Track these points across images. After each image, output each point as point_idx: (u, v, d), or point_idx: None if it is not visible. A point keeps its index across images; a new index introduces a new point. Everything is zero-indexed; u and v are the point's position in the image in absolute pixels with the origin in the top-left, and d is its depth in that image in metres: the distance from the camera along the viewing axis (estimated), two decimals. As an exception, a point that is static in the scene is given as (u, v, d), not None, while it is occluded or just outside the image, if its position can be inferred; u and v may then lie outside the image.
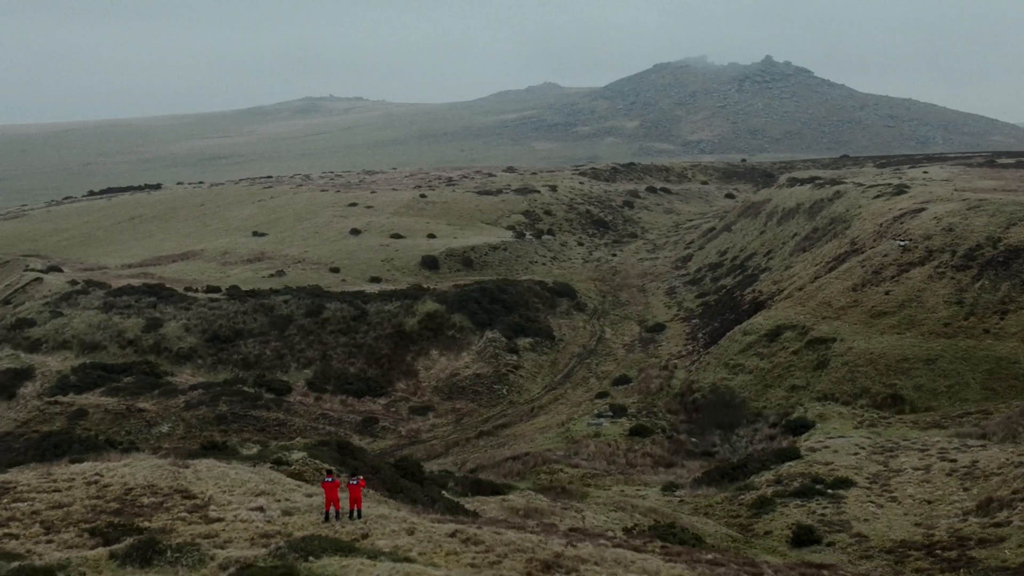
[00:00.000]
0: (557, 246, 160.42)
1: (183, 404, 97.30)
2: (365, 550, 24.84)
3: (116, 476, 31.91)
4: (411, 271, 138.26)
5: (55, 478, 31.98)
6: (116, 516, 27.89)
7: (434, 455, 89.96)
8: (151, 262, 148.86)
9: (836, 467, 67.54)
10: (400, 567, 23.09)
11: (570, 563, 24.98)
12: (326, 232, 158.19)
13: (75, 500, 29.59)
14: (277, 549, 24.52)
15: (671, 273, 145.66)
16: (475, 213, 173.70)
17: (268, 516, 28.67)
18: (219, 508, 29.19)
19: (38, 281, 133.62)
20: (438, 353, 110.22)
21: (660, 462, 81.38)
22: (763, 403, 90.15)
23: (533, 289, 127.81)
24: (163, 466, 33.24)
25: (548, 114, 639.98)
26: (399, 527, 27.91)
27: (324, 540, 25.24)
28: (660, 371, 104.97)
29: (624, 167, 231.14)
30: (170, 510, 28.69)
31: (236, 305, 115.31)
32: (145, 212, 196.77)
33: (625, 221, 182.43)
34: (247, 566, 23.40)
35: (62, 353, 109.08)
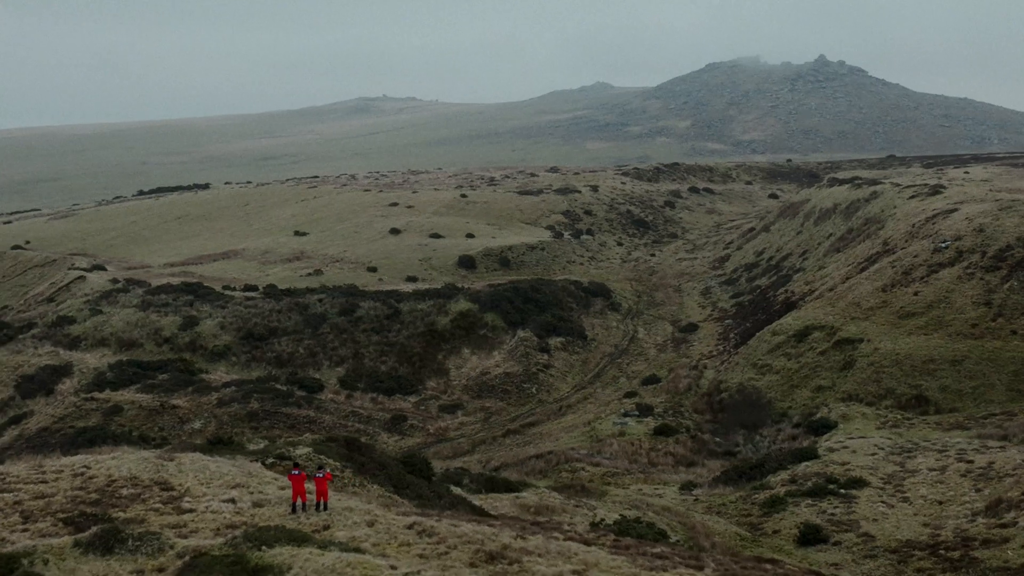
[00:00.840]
0: (596, 246, 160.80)
1: (215, 401, 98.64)
2: (318, 540, 25.62)
3: (102, 468, 32.92)
4: (448, 271, 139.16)
5: (44, 470, 33.06)
6: (94, 507, 28.87)
7: (460, 453, 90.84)
8: (193, 261, 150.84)
9: (852, 467, 67.63)
10: (346, 556, 23.84)
11: (514, 554, 25.62)
12: (366, 232, 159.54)
13: (59, 491, 30.62)
14: (233, 539, 25.37)
15: (708, 273, 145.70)
16: (515, 213, 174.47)
17: (238, 508, 29.53)
18: (193, 500, 30.10)
19: (81, 279, 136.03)
20: (470, 352, 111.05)
21: (682, 461, 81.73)
22: (789, 403, 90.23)
23: (567, 288, 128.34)
24: (149, 459, 34.22)
25: (600, 114, 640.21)
26: (360, 519, 28.69)
27: (279, 530, 26.04)
28: (690, 371, 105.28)
29: (668, 167, 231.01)
30: (146, 501, 29.61)
31: (271, 304, 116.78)
32: (191, 211, 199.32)
33: (666, 221, 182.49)
34: (200, 554, 24.27)
35: (100, 350, 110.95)
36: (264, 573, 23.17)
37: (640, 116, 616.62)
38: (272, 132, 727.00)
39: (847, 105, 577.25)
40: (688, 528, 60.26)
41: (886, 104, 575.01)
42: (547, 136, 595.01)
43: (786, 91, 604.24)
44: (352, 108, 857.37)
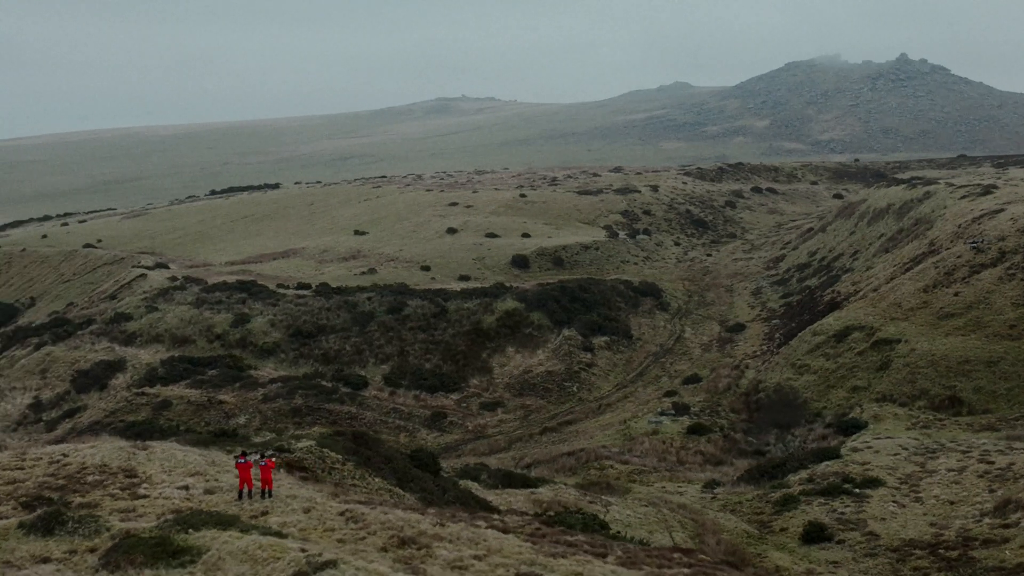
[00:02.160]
0: (652, 246, 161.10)
1: (261, 397, 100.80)
2: (244, 524, 26.89)
3: (78, 457, 34.52)
4: (501, 270, 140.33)
5: (26, 457, 34.75)
6: (57, 491, 30.42)
7: (497, 450, 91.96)
8: (253, 259, 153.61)
9: (871, 467, 67.71)
10: (260, 539, 25.09)
11: (426, 540, 26.70)
12: (423, 231, 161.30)
13: (31, 477, 32.25)
14: (164, 522, 26.80)
15: (761, 273, 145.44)
16: (573, 213, 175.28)
17: (190, 494, 30.93)
18: (150, 486, 31.55)
19: (143, 277, 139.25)
20: (514, 350, 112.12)
21: (710, 460, 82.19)
22: (824, 403, 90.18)
23: (617, 288, 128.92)
24: (124, 448, 35.77)
25: (677, 113, 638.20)
26: (299, 506, 29.95)
27: (209, 515, 27.37)
28: (731, 371, 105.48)
29: (732, 167, 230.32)
30: (107, 487, 31.11)
31: (321, 302, 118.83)
32: (257, 211, 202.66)
33: (726, 221, 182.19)
34: (130, 536, 25.68)
35: (154, 346, 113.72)
36: (182, 554, 24.53)
37: (718, 116, 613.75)
38: (351, 132, 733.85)
39: (928, 104, 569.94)
40: (698, 525, 60.95)
41: (968, 103, 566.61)
42: (623, 136, 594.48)
43: (866, 90, 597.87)
44: (431, 108, 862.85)
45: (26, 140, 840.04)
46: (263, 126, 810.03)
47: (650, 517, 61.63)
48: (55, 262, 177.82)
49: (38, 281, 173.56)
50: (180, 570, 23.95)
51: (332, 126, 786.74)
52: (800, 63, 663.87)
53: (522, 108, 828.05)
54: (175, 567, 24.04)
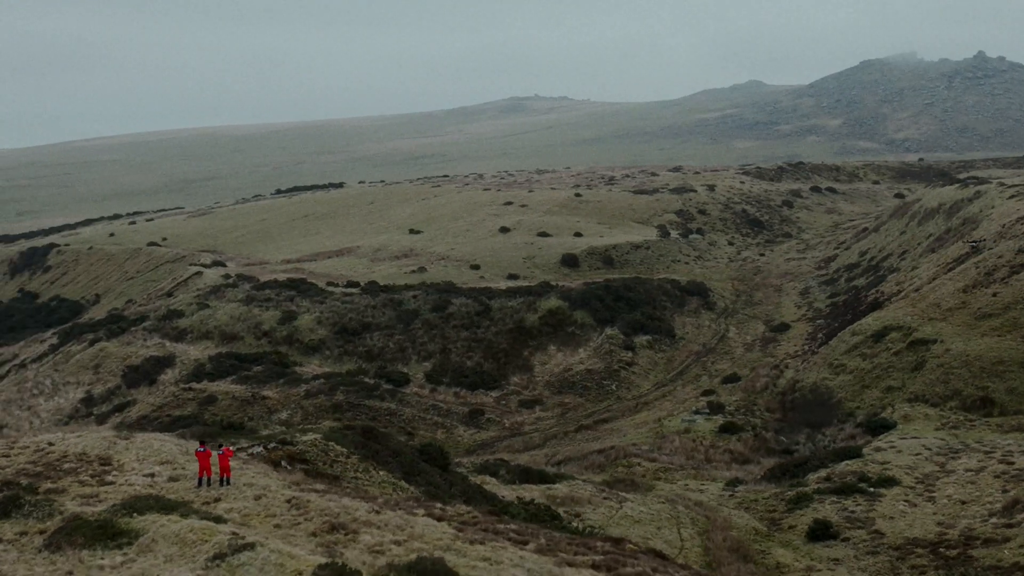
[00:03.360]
0: (705, 245, 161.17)
1: (303, 393, 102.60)
2: (185, 509, 28.26)
3: (63, 446, 36.16)
4: (551, 269, 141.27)
5: (14, 445, 36.45)
6: (33, 478, 32.01)
7: (531, 447, 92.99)
8: (309, 258, 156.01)
9: (890, 467, 67.89)
10: (195, 523, 26.45)
11: (356, 526, 27.87)
12: (477, 230, 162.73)
13: (12, 464, 33.89)
14: (112, 506, 28.27)
15: (812, 273, 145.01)
16: (627, 212, 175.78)
17: (154, 481, 32.39)
18: (120, 473, 33.05)
19: (199, 275, 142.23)
20: (556, 349, 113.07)
21: (738, 459, 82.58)
22: (857, 403, 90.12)
23: (663, 287, 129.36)
24: (108, 438, 37.37)
25: (750, 112, 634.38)
26: (250, 493, 31.27)
27: (157, 500, 28.78)
28: (770, 370, 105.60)
29: (792, 166, 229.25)
30: (79, 474, 32.67)
31: (367, 299, 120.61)
32: (318, 210, 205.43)
33: (782, 221, 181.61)
34: (76, 519, 27.16)
35: (204, 343, 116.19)
36: (121, 536, 25.97)
37: (791, 115, 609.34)
38: (424, 132, 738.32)
39: (1007, 102, 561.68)
40: (709, 522, 61.59)
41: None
42: (695, 135, 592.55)
43: (942, 88, 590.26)
44: (503, 108, 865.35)
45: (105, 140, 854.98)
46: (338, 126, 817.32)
47: (662, 514, 62.34)
48: (120, 260, 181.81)
49: (103, 279, 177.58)
50: (116, 551, 25.38)
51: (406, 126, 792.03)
52: (875, 61, 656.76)
53: (595, 107, 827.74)
54: (111, 548, 25.48)
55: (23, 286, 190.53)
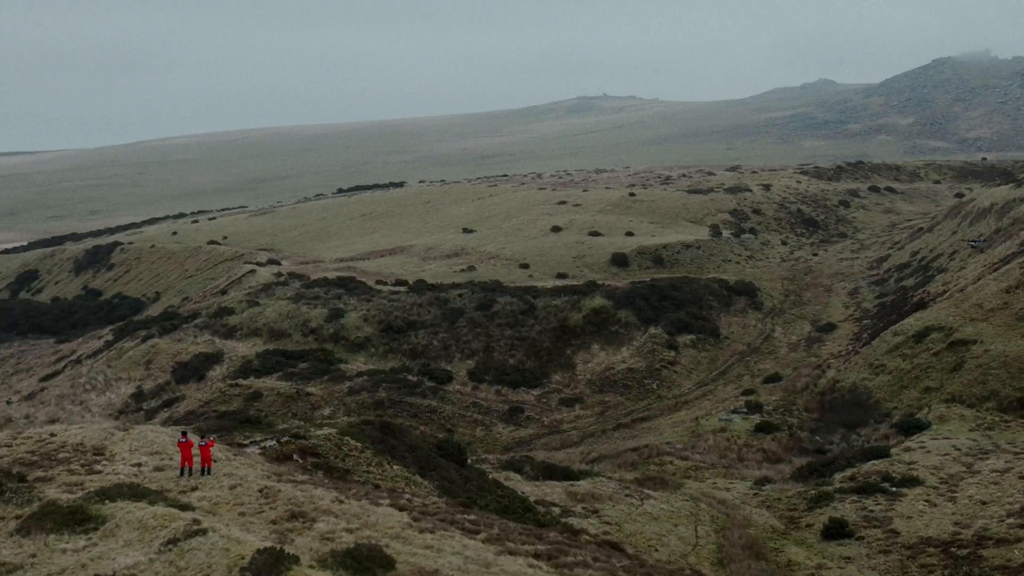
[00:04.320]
0: (757, 245, 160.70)
1: (346, 390, 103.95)
2: (154, 497, 29.33)
3: (63, 437, 37.50)
4: (600, 268, 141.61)
5: (18, 436, 37.85)
6: (27, 466, 33.31)
7: (568, 444, 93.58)
8: (362, 256, 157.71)
9: (916, 467, 67.76)
10: (159, 510, 27.50)
11: (315, 514, 28.78)
12: (528, 229, 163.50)
13: (11, 453, 35.24)
14: (87, 494, 29.44)
15: (863, 273, 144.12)
16: (680, 211, 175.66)
17: (140, 470, 33.55)
18: (109, 463, 34.27)
19: (252, 273, 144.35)
20: (598, 347, 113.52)
21: (770, 458, 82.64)
22: (895, 404, 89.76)
23: (711, 287, 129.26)
24: (107, 430, 38.67)
25: (819, 111, 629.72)
26: (226, 483, 32.34)
27: (132, 488, 29.86)
28: (812, 370, 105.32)
29: (851, 166, 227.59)
30: (71, 463, 33.94)
31: (413, 298, 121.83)
32: (375, 209, 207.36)
33: (838, 221, 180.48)
34: (49, 504, 28.37)
35: (252, 340, 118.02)
36: (88, 522, 27.12)
37: (860, 113, 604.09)
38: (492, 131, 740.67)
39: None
40: (729, 519, 61.99)
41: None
42: (764, 134, 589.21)
43: (1016, 87, 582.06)
44: (571, 107, 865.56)
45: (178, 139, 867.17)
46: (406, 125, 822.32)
47: (682, 511, 62.77)
48: (181, 258, 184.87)
49: (164, 276, 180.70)
50: (81, 536, 26.52)
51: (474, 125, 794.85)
52: (947, 60, 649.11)
53: (663, 106, 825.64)
54: (78, 533, 26.63)
55: (87, 283, 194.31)
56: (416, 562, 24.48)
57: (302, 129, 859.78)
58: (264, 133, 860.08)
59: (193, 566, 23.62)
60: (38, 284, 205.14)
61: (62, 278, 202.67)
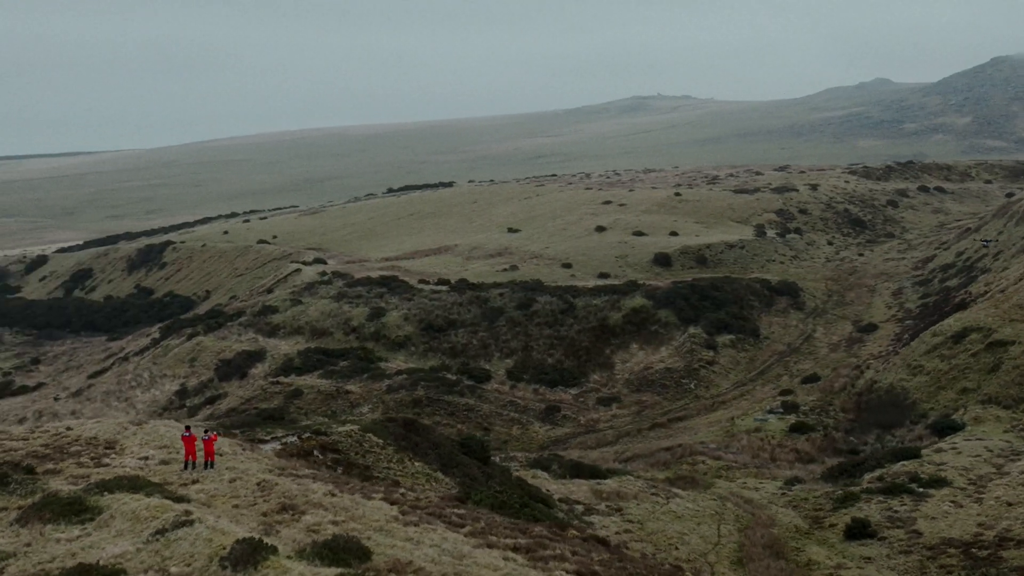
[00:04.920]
0: (802, 245, 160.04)
1: (385, 388, 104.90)
2: (151, 489, 30.13)
3: (79, 431, 38.53)
4: (643, 268, 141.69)
5: (36, 429, 38.91)
6: (39, 459, 34.26)
7: (603, 443, 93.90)
8: (406, 256, 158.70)
9: (945, 468, 67.53)
10: (152, 502, 28.32)
11: (305, 506, 29.49)
12: (573, 229, 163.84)
13: (29, 447, 36.23)
14: (87, 486, 30.33)
15: (908, 274, 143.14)
16: (726, 211, 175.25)
17: (146, 464, 34.41)
18: (118, 456, 35.19)
19: (297, 272, 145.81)
20: (637, 347, 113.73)
21: (803, 458, 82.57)
22: (931, 404, 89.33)
23: (752, 287, 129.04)
24: (122, 424, 39.63)
25: (875, 111, 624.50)
26: (228, 476, 33.14)
27: (132, 481, 30.68)
28: (851, 371, 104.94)
29: (901, 165, 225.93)
30: (80, 456, 34.90)
31: (454, 297, 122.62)
32: (423, 209, 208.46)
33: (885, 221, 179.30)
34: (49, 495, 29.29)
35: (295, 338, 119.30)
36: (85, 512, 28.02)
37: (917, 113, 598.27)
38: (546, 131, 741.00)
39: None
40: (753, 519, 62.21)
41: None
42: (818, 134, 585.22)
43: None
44: (625, 107, 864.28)
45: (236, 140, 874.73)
46: (460, 125, 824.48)
47: (707, 511, 63.04)
48: (231, 257, 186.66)
49: (214, 275, 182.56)
50: (77, 526, 27.41)
51: (528, 125, 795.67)
52: (1005, 58, 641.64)
53: (718, 106, 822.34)
54: (74, 523, 27.53)
55: (139, 282, 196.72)
56: (393, 554, 25.10)
57: (358, 129, 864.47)
58: (321, 133, 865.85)
59: (177, 555, 24.40)
60: (92, 283, 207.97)
61: (115, 277, 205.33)
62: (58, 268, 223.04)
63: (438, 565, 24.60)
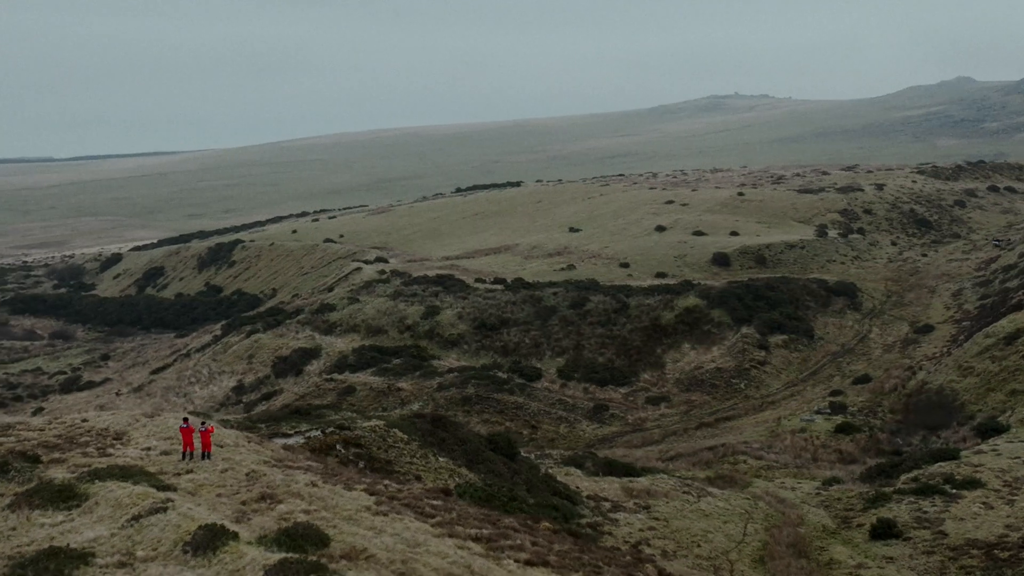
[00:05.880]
0: (864, 245, 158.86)
1: (436, 385, 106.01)
2: (141, 477, 31.27)
3: (94, 422, 39.87)
4: (701, 268, 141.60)
5: (53, 420, 40.34)
6: (47, 449, 35.56)
7: (649, 442, 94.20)
8: (467, 255, 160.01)
9: (981, 469, 67.06)
10: (136, 489, 29.44)
11: (283, 495, 30.41)
12: (633, 228, 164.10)
13: (43, 436, 37.59)
14: (80, 474, 31.56)
15: (970, 275, 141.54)
16: (789, 211, 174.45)
17: (147, 454, 35.56)
18: (123, 447, 36.40)
19: (358, 270, 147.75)
20: (689, 346, 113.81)
21: (844, 459, 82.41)
22: (980, 406, 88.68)
23: (809, 287, 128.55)
24: (135, 416, 40.91)
25: (955, 110, 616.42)
26: (221, 467, 34.19)
27: (123, 469, 31.84)
28: (903, 372, 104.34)
29: (972, 165, 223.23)
30: (87, 447, 36.16)
31: (508, 296, 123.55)
32: (488, 208, 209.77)
33: (952, 221, 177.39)
34: (48, 482, 30.56)
35: (351, 336, 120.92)
36: (73, 499, 29.23)
37: (999, 112, 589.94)
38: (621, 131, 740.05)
39: None
40: (783, 517, 62.37)
41: None
42: (897, 133, 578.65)
43: None
44: (702, 106, 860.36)
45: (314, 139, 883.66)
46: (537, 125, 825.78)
47: (737, 509, 63.28)
48: (298, 256, 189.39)
49: (281, 273, 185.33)
50: (64, 511, 28.63)
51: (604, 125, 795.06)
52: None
53: (795, 105, 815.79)
54: (61, 509, 28.75)
55: (209, 280, 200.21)
56: (351, 541, 25.96)
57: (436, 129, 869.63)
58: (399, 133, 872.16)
59: (146, 540, 25.50)
60: (163, 280, 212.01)
61: (186, 274, 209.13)
62: (131, 266, 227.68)
63: (390, 552, 25.43)
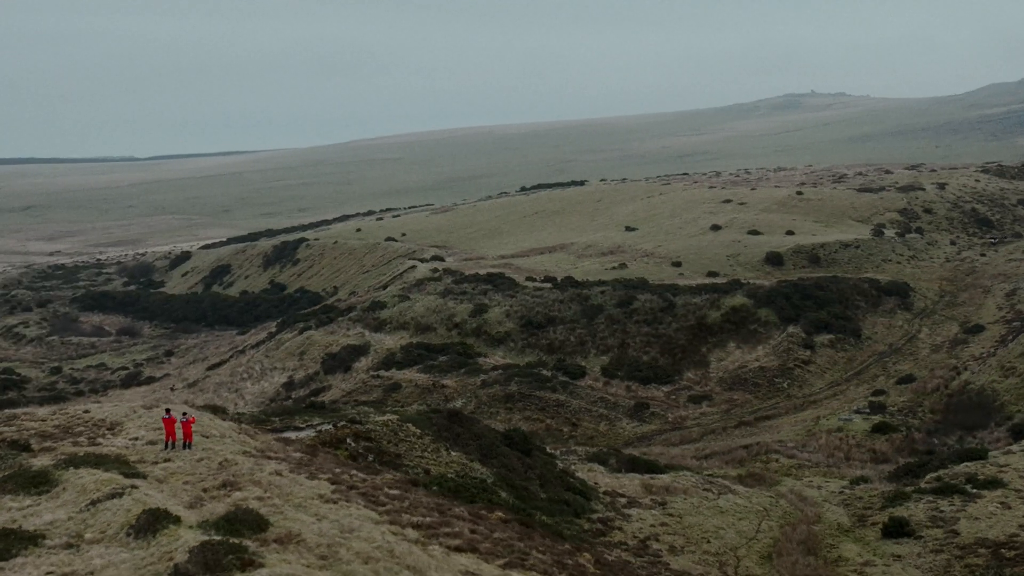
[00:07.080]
0: (922, 245, 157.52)
1: (480, 383, 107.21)
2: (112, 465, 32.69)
3: (96, 413, 41.50)
4: (753, 267, 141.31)
5: (56, 411, 42.06)
6: (42, 438, 37.19)
7: (687, 441, 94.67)
8: (521, 253, 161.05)
9: (1006, 470, 66.96)
10: (104, 476, 30.95)
11: (244, 484, 31.68)
12: (689, 227, 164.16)
13: (43, 426, 39.29)
14: (58, 461, 33.07)
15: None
16: (847, 210, 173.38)
17: (133, 444, 37.06)
18: (113, 436, 37.94)
19: (412, 269, 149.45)
20: (735, 346, 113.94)
21: (877, 458, 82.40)
22: (1019, 407, 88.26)
23: (859, 287, 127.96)
24: (134, 407, 42.51)
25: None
26: (197, 456, 35.55)
27: (98, 457, 33.36)
28: (948, 372, 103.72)
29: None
30: (79, 436, 37.76)
31: (556, 294, 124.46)
32: (548, 207, 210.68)
33: (1014, 220, 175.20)
34: (25, 469, 32.10)
35: (400, 333, 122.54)
36: (45, 485, 30.81)
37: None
38: (695, 129, 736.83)
39: None
40: (800, 515, 62.81)
41: None
42: (975, 132, 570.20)
43: None
44: (778, 104, 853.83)
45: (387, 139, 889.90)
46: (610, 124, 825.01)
47: (756, 506, 63.86)
48: (360, 254, 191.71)
49: (342, 271, 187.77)
50: (34, 496, 30.17)
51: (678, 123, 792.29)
52: None
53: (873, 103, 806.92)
54: (32, 494, 30.30)
55: (273, 278, 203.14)
56: (289, 527, 27.16)
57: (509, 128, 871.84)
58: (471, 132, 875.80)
59: (97, 524, 26.91)
60: (229, 278, 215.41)
61: (251, 272, 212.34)
62: (199, 264, 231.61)
63: (322, 537, 26.58)
